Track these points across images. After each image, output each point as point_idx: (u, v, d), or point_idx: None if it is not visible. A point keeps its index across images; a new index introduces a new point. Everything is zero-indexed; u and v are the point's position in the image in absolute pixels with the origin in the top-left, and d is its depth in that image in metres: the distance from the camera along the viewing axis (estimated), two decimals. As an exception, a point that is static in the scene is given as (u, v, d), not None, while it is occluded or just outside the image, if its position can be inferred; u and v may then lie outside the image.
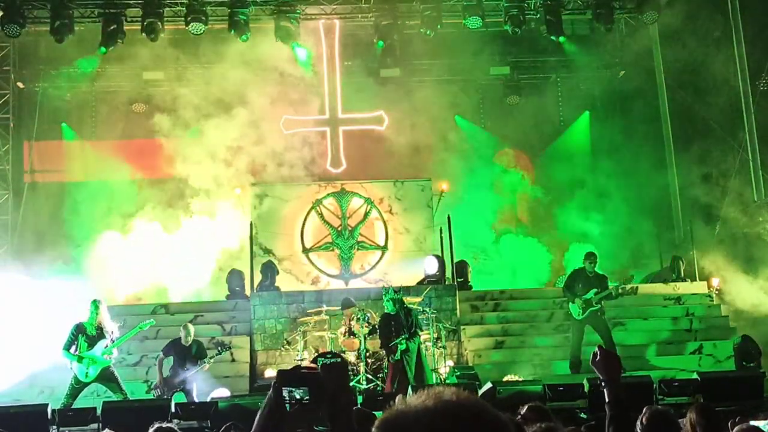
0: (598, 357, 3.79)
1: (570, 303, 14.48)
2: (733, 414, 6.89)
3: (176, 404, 11.26)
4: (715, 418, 5.44)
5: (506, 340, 16.17)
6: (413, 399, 1.91)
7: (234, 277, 17.76)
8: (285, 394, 2.28)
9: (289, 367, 2.36)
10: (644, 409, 5.06)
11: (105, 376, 12.13)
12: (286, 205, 19.28)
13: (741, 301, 16.81)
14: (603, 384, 3.81)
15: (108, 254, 19.07)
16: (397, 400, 1.99)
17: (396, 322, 13.03)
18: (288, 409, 2.28)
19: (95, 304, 12.30)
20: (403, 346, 12.81)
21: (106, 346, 12.02)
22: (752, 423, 5.92)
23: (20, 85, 20.95)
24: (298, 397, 2.27)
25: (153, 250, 19.33)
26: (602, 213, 20.61)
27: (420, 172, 20.53)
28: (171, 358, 13.26)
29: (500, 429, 1.85)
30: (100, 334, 12.10)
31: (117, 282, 18.79)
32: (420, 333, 13.35)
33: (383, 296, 13.41)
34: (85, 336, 12.04)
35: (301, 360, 13.84)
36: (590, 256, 14.72)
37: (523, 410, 5.52)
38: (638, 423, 5.01)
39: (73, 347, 12.02)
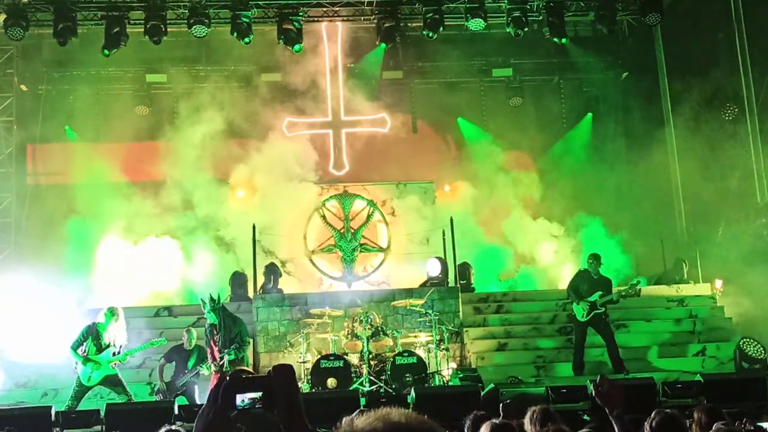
0: (603, 388, 3.72)
1: (574, 304, 14.45)
2: (735, 416, 6.87)
3: (179, 406, 11.26)
4: (721, 419, 5.44)
5: (509, 342, 16.17)
6: (361, 420, 1.90)
7: (237, 279, 17.76)
8: (239, 399, 2.26)
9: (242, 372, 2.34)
10: (653, 413, 5.05)
11: (109, 381, 12.10)
12: (288, 208, 19.30)
13: (744, 302, 16.78)
14: (610, 417, 3.76)
15: (111, 256, 19.08)
16: (343, 422, 1.97)
17: (218, 332, 12.54)
18: (236, 412, 2.26)
19: (111, 311, 12.24)
20: (232, 356, 12.36)
21: (114, 354, 12.00)
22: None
23: (23, 87, 20.98)
24: (251, 401, 2.26)
25: (155, 251, 19.34)
26: (605, 215, 20.59)
27: (422, 175, 20.54)
28: (173, 363, 13.30)
29: None
30: (110, 340, 12.08)
31: (119, 284, 18.80)
32: (247, 342, 12.77)
33: (203, 308, 12.74)
34: (96, 339, 12.03)
35: (304, 362, 13.86)
36: (594, 258, 14.68)
37: (530, 413, 5.53)
38: (647, 426, 5.00)
39: (82, 348, 12.00)
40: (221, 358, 12.35)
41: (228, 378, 2.29)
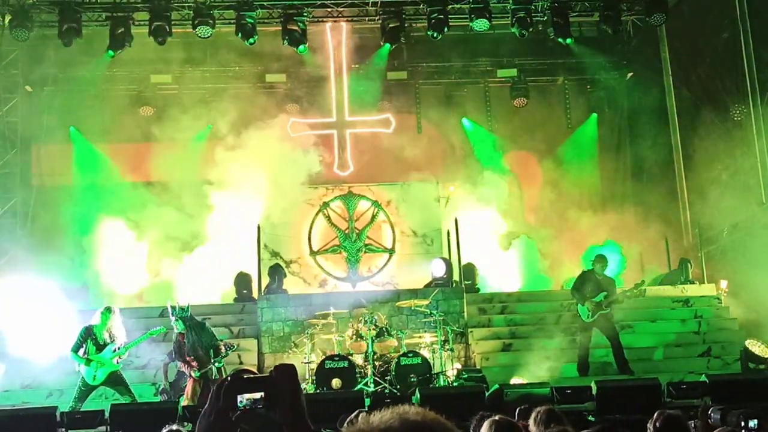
0: None
1: (579, 305, 14.45)
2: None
3: (184, 407, 11.26)
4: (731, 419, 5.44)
5: (514, 342, 16.15)
6: (377, 418, 1.90)
7: (241, 279, 17.77)
8: (239, 400, 2.26)
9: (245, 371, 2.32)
10: (656, 413, 5.05)
11: (113, 379, 12.14)
12: (293, 208, 19.30)
13: (750, 303, 16.74)
14: None
15: (115, 256, 19.10)
16: (360, 419, 1.97)
17: (187, 342, 12.22)
18: (237, 413, 2.26)
19: (107, 310, 12.29)
20: (221, 363, 12.23)
21: (115, 350, 12.03)
22: None
23: (28, 88, 21.00)
24: (252, 401, 2.26)
25: (159, 252, 19.36)
26: (609, 215, 20.57)
27: (427, 175, 20.53)
28: (176, 363, 13.29)
29: None
30: (110, 338, 12.12)
31: (124, 284, 18.83)
32: (220, 348, 12.42)
33: (171, 314, 12.28)
34: (94, 340, 12.05)
35: (309, 363, 13.86)
36: (600, 259, 14.69)
37: (535, 413, 5.52)
38: (650, 426, 5.00)
39: (82, 350, 12.03)
40: (209, 369, 12.21)
41: (229, 378, 2.29)
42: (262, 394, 2.25)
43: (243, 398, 2.25)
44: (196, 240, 19.73)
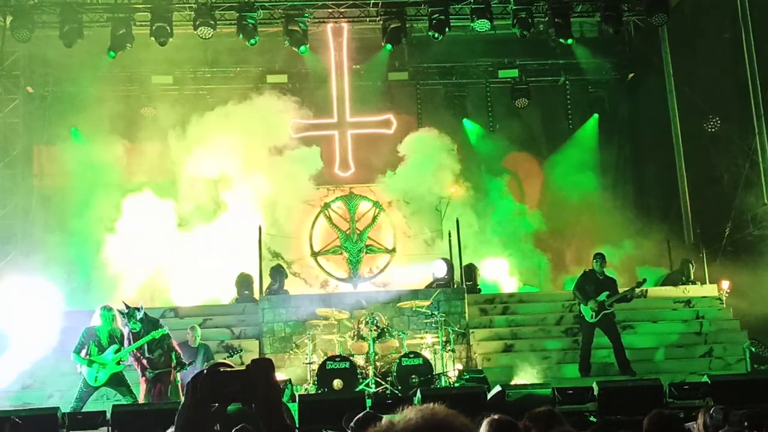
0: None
1: (582, 305, 14.43)
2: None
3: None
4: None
5: (515, 343, 16.14)
6: (402, 416, 1.89)
7: (243, 280, 17.76)
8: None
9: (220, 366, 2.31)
10: (651, 413, 5.06)
11: (115, 380, 12.12)
12: (294, 209, 19.29)
13: (751, 303, 16.73)
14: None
15: (116, 257, 19.09)
16: (384, 421, 1.97)
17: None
18: (215, 407, 2.26)
19: (107, 310, 12.27)
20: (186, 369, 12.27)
21: (117, 351, 12.02)
22: None
23: (30, 89, 21.00)
24: (228, 396, 2.26)
25: (161, 252, 19.34)
26: (611, 215, 20.56)
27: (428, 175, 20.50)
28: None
29: None
30: (111, 339, 12.11)
31: (126, 285, 18.81)
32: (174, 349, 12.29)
33: (128, 318, 12.07)
34: (96, 341, 12.05)
35: (310, 363, 13.86)
36: (599, 257, 14.69)
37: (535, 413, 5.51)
38: (645, 424, 5.00)
39: (83, 351, 12.02)
40: (164, 372, 12.16)
41: (205, 372, 2.28)
42: (238, 387, 2.26)
43: (220, 391, 2.25)
44: (197, 239, 19.69)
